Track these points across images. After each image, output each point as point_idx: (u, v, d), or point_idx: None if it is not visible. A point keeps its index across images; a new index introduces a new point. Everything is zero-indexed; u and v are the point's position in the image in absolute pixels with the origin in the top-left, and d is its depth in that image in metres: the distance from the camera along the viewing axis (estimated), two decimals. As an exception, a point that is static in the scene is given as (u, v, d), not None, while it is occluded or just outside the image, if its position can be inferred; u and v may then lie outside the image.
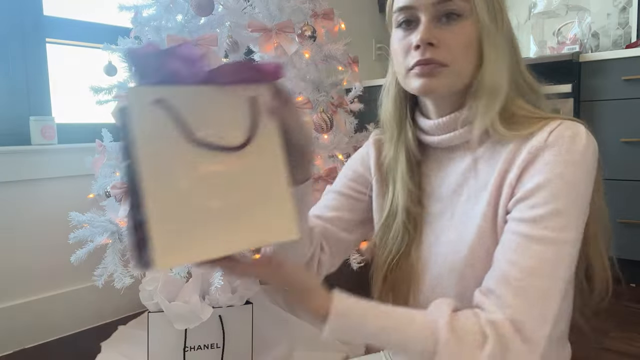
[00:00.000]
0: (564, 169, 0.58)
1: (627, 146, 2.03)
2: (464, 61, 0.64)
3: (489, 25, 0.63)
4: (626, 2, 2.49)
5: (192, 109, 0.50)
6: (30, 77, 1.72)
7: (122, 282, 1.21)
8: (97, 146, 1.48)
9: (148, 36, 1.42)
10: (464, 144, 0.69)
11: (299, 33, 1.46)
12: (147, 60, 0.48)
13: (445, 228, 0.70)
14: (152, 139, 0.48)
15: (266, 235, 0.53)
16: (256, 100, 0.53)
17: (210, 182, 0.50)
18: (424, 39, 0.63)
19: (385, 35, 3.53)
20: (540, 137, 0.60)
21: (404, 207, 0.72)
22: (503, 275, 0.57)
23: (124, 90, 1.43)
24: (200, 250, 0.49)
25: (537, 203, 0.58)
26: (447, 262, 0.67)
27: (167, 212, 0.47)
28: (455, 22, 0.63)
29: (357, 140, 1.67)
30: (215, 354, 1.30)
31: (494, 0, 0.65)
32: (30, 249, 1.65)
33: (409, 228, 0.72)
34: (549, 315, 0.56)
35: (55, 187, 1.70)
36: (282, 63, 0.56)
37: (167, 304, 1.22)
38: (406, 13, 0.66)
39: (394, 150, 0.74)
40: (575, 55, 2.10)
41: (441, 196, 0.72)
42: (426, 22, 0.63)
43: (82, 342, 1.64)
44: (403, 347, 0.58)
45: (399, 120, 0.74)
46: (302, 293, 0.59)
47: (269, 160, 0.54)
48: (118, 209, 1.27)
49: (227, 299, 1.28)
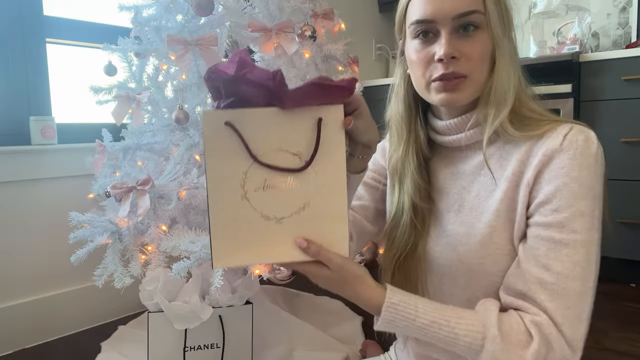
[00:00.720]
0: (580, 172, 0.60)
1: (627, 146, 2.03)
2: (481, 70, 0.67)
3: (501, 36, 0.66)
4: (626, 2, 2.49)
5: (259, 131, 0.55)
6: (30, 77, 1.72)
7: (122, 282, 1.21)
8: (97, 146, 1.48)
9: (148, 36, 1.41)
10: (474, 144, 0.72)
11: (299, 33, 1.46)
12: (221, 84, 0.53)
13: (453, 221, 0.72)
14: (220, 158, 0.55)
15: None
16: (323, 121, 0.56)
17: (269, 198, 0.56)
18: (447, 54, 0.65)
19: (385, 35, 3.52)
20: (555, 141, 0.62)
21: (413, 203, 0.74)
22: (537, 280, 0.60)
23: (124, 90, 1.43)
24: (254, 257, 0.57)
25: (560, 206, 0.60)
26: (455, 254, 0.70)
27: (227, 222, 0.55)
28: (473, 34, 0.66)
29: (357, 140, 1.67)
30: (215, 354, 1.30)
31: (504, 11, 0.67)
32: (30, 249, 1.65)
33: (416, 223, 0.74)
34: (585, 314, 0.59)
35: (55, 187, 1.70)
36: (353, 79, 0.58)
37: (167, 304, 1.22)
38: (425, 26, 0.67)
39: (404, 149, 0.76)
40: (575, 55, 2.10)
41: (449, 191, 0.74)
42: (447, 35, 0.65)
43: (82, 342, 1.64)
44: (452, 342, 0.60)
45: (409, 119, 0.76)
46: (355, 284, 0.61)
47: (330, 182, 0.57)
48: (118, 209, 1.26)
49: (227, 299, 1.28)
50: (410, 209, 0.74)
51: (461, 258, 0.69)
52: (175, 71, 1.45)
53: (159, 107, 1.42)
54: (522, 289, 0.61)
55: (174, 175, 1.27)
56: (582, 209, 0.60)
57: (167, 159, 1.38)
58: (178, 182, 1.26)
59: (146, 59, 1.47)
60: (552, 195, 0.61)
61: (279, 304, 1.70)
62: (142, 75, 1.47)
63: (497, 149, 0.69)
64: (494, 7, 0.66)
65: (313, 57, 1.45)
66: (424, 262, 0.74)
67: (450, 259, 0.70)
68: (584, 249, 0.59)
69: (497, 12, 0.66)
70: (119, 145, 1.39)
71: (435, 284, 0.74)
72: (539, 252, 0.61)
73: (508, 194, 0.65)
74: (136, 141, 1.37)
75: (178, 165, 1.29)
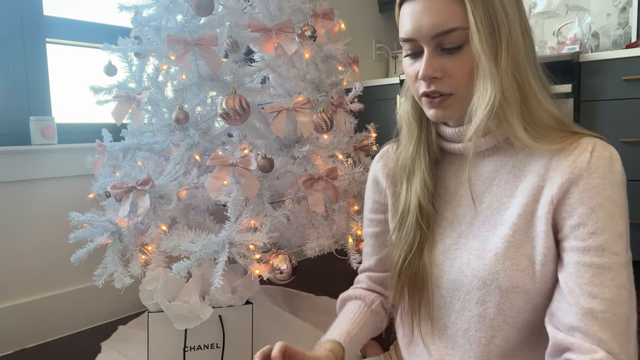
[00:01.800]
0: (611, 191, 0.60)
1: (627, 146, 2.03)
2: (469, 87, 0.64)
3: (485, 51, 0.61)
4: (626, 2, 2.49)
5: None
6: (30, 77, 1.72)
7: (122, 282, 1.21)
8: (97, 146, 1.48)
9: (148, 36, 1.42)
10: (483, 152, 0.70)
11: (299, 33, 1.46)
12: None
13: (465, 233, 0.70)
14: None
15: None
16: None
17: None
18: (426, 76, 0.64)
19: (385, 35, 3.53)
20: (582, 158, 0.61)
21: (419, 203, 0.72)
22: (586, 310, 0.58)
23: (124, 90, 1.43)
24: None
25: (597, 229, 0.59)
26: (469, 269, 0.67)
27: None
28: (456, 52, 0.63)
29: (357, 140, 1.67)
30: (215, 354, 1.30)
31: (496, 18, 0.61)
32: (30, 249, 1.65)
33: (422, 225, 0.72)
34: (634, 335, 0.59)
35: (55, 187, 1.70)
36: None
37: (167, 304, 1.22)
38: (410, 44, 0.66)
39: (414, 148, 0.74)
40: (575, 55, 2.10)
41: (459, 201, 0.72)
42: (428, 55, 0.64)
43: (82, 342, 1.64)
44: None
45: (420, 119, 0.75)
46: None
47: None
48: (118, 209, 1.26)
49: (227, 299, 1.28)
50: (416, 209, 0.72)
51: (475, 273, 0.66)
52: (175, 71, 1.45)
53: (159, 107, 1.42)
54: (572, 322, 0.59)
55: (174, 175, 1.27)
56: (619, 229, 0.59)
57: (167, 159, 1.38)
58: (178, 182, 1.26)
59: (146, 59, 1.47)
60: (587, 218, 0.59)
61: (279, 304, 1.70)
62: (142, 75, 1.47)
63: (509, 157, 0.67)
64: (480, 20, 0.60)
65: (313, 57, 1.45)
66: (430, 268, 0.71)
67: (464, 273, 0.68)
68: (626, 270, 0.59)
69: (485, 23, 0.61)
70: (119, 145, 1.39)
71: (444, 298, 0.71)
72: (583, 280, 0.59)
73: (527, 209, 0.64)
74: (136, 141, 1.38)
75: (178, 165, 1.29)
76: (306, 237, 1.35)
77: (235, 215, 1.19)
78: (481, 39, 0.61)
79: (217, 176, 1.17)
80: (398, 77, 2.55)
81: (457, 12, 0.61)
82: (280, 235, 1.36)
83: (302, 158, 1.35)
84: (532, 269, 0.63)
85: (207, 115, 1.39)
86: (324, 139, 1.49)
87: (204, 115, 1.40)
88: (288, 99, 1.39)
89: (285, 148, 1.38)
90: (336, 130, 1.53)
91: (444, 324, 0.72)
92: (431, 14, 0.62)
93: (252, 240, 1.13)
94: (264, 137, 1.39)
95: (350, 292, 0.89)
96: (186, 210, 1.38)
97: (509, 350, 0.67)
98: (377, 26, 3.12)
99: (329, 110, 1.45)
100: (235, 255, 1.13)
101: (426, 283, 0.72)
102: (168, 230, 1.26)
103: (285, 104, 1.30)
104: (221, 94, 1.31)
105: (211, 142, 1.44)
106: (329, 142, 1.49)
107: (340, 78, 1.52)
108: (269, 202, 1.24)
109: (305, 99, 1.32)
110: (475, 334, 0.68)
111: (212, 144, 1.45)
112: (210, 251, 1.13)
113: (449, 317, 0.71)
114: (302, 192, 1.35)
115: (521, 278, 0.63)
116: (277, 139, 1.37)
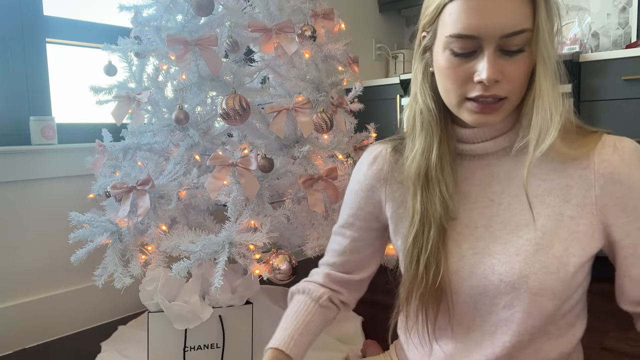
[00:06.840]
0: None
1: (627, 146, 2.03)
2: (521, 91, 0.63)
3: (550, 54, 0.60)
4: (626, 2, 2.49)
5: None
6: (30, 77, 1.72)
7: (122, 282, 1.21)
8: (97, 146, 1.48)
9: (148, 36, 1.42)
10: (498, 152, 0.69)
11: (299, 33, 1.46)
12: None
13: (483, 237, 0.67)
14: None
15: None
16: None
17: None
18: (491, 79, 0.59)
19: (385, 35, 3.52)
20: (613, 155, 0.63)
21: (441, 215, 0.68)
22: None
23: (124, 90, 1.43)
24: None
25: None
26: (494, 274, 0.65)
27: None
28: (517, 54, 0.60)
29: (357, 140, 1.67)
30: (215, 354, 1.30)
31: (554, 23, 0.61)
32: (30, 249, 1.65)
33: (441, 233, 0.68)
34: None
35: (55, 187, 1.70)
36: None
37: (167, 304, 1.22)
38: (466, 42, 0.60)
39: (436, 155, 0.68)
40: (575, 55, 2.10)
41: (474, 203, 0.69)
42: (491, 55, 0.59)
43: (82, 342, 1.64)
44: None
45: (442, 122, 0.69)
46: None
47: None
48: (118, 209, 1.26)
49: (227, 299, 1.28)
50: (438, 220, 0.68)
51: (502, 278, 0.64)
52: (175, 71, 1.46)
53: (159, 107, 1.42)
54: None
55: (174, 175, 1.27)
56: None
57: (167, 159, 1.38)
58: (178, 182, 1.26)
59: (146, 59, 1.47)
60: (638, 200, 0.62)
61: (279, 304, 1.70)
62: (142, 75, 1.47)
63: (525, 156, 0.65)
64: (544, 23, 0.59)
65: (313, 57, 1.45)
66: (448, 282, 0.68)
67: (489, 279, 0.65)
68: None
69: (549, 27, 0.59)
70: (119, 145, 1.39)
71: (466, 304, 0.68)
72: None
73: (556, 210, 0.63)
74: (136, 141, 1.38)
75: (178, 165, 1.29)
76: (306, 237, 1.35)
77: (235, 215, 1.19)
78: (546, 43, 0.60)
79: (217, 176, 1.17)
80: (398, 77, 2.55)
81: (527, 12, 0.59)
82: (280, 235, 1.36)
83: (302, 158, 1.35)
84: (563, 271, 0.62)
85: (207, 115, 1.39)
86: (324, 139, 1.49)
87: (204, 115, 1.40)
88: (288, 99, 1.40)
89: (285, 148, 1.39)
90: (336, 130, 1.53)
91: (467, 327, 0.70)
92: (504, 12, 0.58)
93: (252, 240, 1.13)
94: (264, 137, 1.39)
95: (299, 286, 0.84)
96: (186, 210, 1.38)
97: (530, 343, 0.67)
98: (377, 26, 3.12)
99: (329, 110, 1.45)
100: (235, 255, 1.13)
101: (444, 291, 0.68)
102: (168, 230, 1.26)
103: (285, 104, 1.30)
104: (221, 94, 1.31)
105: (211, 142, 1.44)
106: (329, 142, 1.49)
107: (340, 78, 1.51)
108: (269, 202, 1.24)
109: (305, 99, 1.32)
110: (501, 337, 0.67)
111: (212, 144, 1.45)
112: (210, 251, 1.13)
113: (473, 320, 0.69)
114: (302, 192, 1.35)
115: (551, 281, 0.62)
116: (277, 139, 1.37)
